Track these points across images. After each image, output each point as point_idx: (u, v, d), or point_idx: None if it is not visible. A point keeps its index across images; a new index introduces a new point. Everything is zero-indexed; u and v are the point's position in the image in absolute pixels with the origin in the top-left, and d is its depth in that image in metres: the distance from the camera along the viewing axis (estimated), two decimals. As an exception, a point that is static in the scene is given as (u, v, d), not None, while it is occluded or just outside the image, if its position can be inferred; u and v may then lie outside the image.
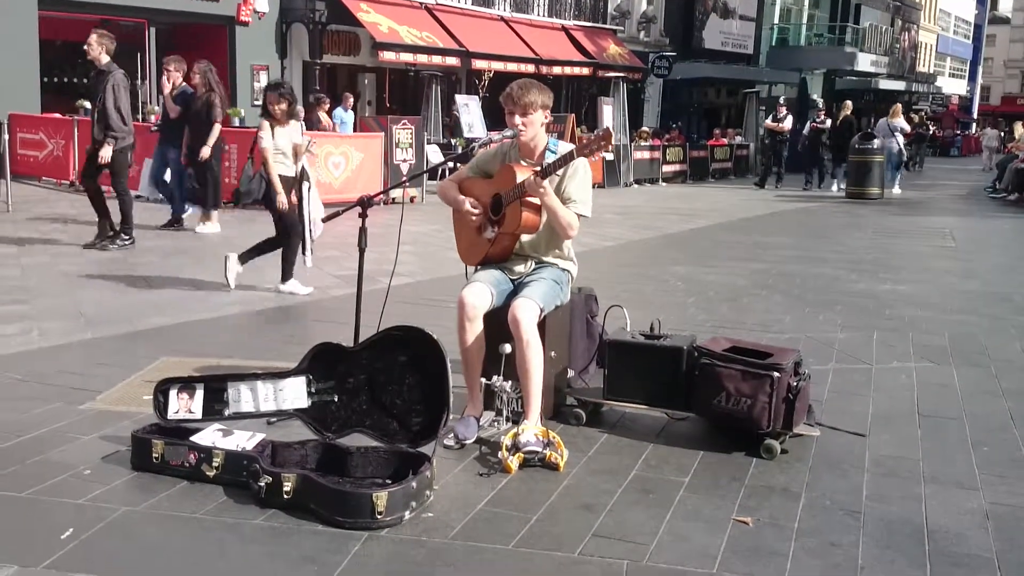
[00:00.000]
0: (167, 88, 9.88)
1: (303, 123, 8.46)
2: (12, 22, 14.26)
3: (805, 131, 20.46)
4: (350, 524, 3.04)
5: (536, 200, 3.87)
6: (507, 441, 3.66)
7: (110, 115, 8.26)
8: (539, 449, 3.63)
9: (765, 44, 34.90)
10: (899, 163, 20.26)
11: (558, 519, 3.20)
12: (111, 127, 8.29)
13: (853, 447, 3.99)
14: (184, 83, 9.92)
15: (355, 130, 15.71)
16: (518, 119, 3.94)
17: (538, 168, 3.88)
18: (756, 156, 23.54)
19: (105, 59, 8.38)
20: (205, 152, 9.45)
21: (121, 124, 8.35)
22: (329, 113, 15.67)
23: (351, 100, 17.42)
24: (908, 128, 22.17)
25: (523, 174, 3.88)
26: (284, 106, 6.63)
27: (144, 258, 8.28)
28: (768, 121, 20.64)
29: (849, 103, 20.60)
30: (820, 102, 24.29)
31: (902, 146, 20.29)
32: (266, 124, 6.66)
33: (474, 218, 4.08)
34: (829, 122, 20.33)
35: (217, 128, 9.49)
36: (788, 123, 20.02)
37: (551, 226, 3.98)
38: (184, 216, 10.17)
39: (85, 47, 8.43)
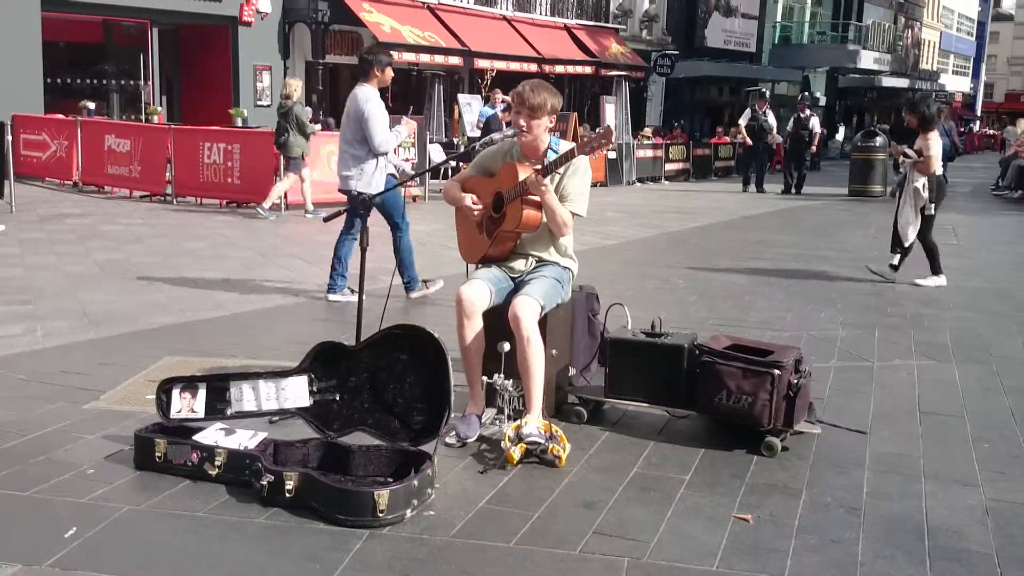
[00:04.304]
0: None
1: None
2: (16, 23, 14.28)
3: (788, 128, 19.78)
4: (352, 522, 3.05)
5: (537, 198, 3.88)
6: (510, 432, 3.66)
7: None
8: (542, 441, 3.63)
9: (768, 42, 34.88)
10: (951, 156, 22.72)
11: (559, 517, 3.21)
12: None
13: (854, 444, 3.99)
14: None
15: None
16: (523, 120, 3.93)
17: (540, 167, 3.89)
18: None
19: None
20: None
21: None
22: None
23: (498, 97, 15.62)
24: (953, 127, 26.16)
25: (525, 172, 3.89)
26: None
27: (148, 258, 8.31)
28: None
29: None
30: (819, 98, 24.10)
31: (957, 141, 24.33)
32: None
33: (475, 214, 4.08)
34: (816, 120, 19.78)
35: None
36: (743, 120, 18.92)
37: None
38: None
39: None
